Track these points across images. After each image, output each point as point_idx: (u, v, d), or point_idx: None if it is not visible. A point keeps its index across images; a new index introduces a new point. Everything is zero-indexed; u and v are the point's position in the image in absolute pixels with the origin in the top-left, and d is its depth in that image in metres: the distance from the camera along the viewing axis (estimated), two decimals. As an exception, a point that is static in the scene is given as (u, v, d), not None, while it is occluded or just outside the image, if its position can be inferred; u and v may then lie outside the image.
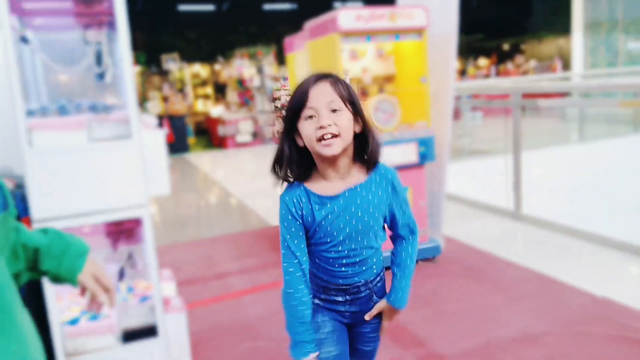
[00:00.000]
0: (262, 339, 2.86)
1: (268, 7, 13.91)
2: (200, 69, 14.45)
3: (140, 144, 2.18)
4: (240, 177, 8.74)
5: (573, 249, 3.96)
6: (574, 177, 6.27)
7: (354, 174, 1.38)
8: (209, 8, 13.62)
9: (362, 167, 1.38)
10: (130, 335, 2.39)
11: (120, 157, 2.14)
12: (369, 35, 3.60)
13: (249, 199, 6.58)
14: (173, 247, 4.80)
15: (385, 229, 1.46)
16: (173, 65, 13.63)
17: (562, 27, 15.92)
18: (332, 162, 1.33)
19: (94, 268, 1.13)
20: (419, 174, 3.71)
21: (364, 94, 3.88)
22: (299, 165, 1.36)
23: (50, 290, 2.23)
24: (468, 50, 15.94)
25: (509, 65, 16.13)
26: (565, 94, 8.22)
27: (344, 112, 1.30)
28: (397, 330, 2.80)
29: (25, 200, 2.26)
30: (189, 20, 13.58)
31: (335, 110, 1.29)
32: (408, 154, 3.62)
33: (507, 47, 17.09)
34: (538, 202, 4.92)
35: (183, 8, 13.40)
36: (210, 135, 12.95)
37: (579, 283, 3.26)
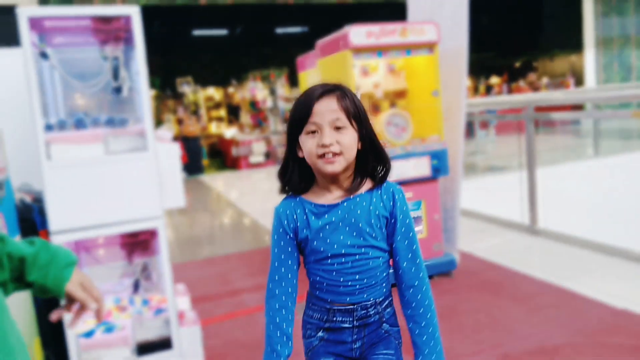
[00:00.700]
0: (276, 354, 2.84)
1: (280, 30, 14.13)
2: (214, 92, 14.66)
3: (156, 157, 2.22)
4: (254, 196, 8.78)
5: (590, 262, 3.90)
6: (590, 191, 6.19)
7: (356, 187, 1.31)
8: (222, 32, 13.87)
9: (367, 181, 1.32)
10: (145, 348, 2.39)
11: (136, 169, 2.18)
12: (380, 51, 3.64)
13: (262, 218, 6.59)
14: (188, 265, 4.82)
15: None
16: (187, 89, 13.86)
17: (574, 43, 15.93)
18: (332, 177, 1.28)
19: (82, 278, 1.10)
20: (433, 188, 3.70)
21: (376, 109, 3.91)
22: (298, 178, 1.31)
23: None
24: (480, 69, 15.97)
25: (521, 83, 16.11)
26: (579, 108, 8.17)
27: (348, 130, 1.24)
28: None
29: (43, 214, 2.31)
30: (203, 45, 13.83)
31: (339, 128, 1.23)
32: (421, 167, 3.62)
33: (518, 64, 17.10)
34: (554, 216, 4.86)
35: (197, 33, 13.66)
36: (224, 157, 13.06)
37: (598, 295, 3.20)
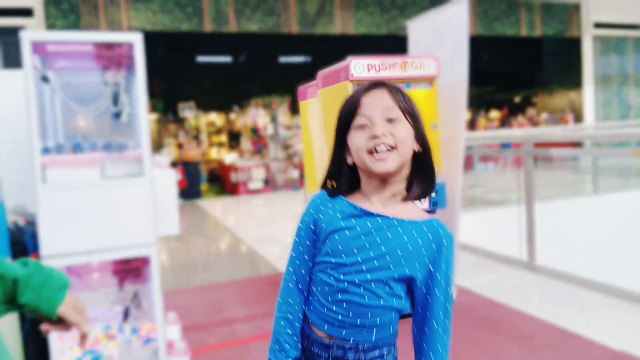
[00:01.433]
0: (267, 388, 2.77)
1: (283, 59, 14.31)
2: (216, 117, 14.75)
3: (152, 183, 2.20)
4: (251, 223, 8.73)
5: (589, 301, 3.84)
6: (589, 228, 6.16)
7: (399, 208, 1.11)
8: (226, 59, 14.05)
9: (412, 206, 1.14)
10: (132, 379, 2.33)
11: (132, 195, 2.16)
12: (381, 83, 3.66)
13: (259, 246, 6.54)
14: (181, 291, 4.75)
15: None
16: (189, 113, 13.95)
17: (573, 80, 16.13)
18: (381, 182, 1.09)
19: (75, 301, 1.10)
20: (430, 221, 3.67)
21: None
22: (347, 181, 1.13)
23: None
24: (479, 102, 16.12)
25: (520, 118, 16.25)
26: (578, 144, 8.21)
27: (403, 122, 1.08)
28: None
29: (36, 237, 2.28)
30: (207, 71, 13.99)
31: (393, 120, 1.07)
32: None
33: (518, 99, 17.27)
34: (553, 253, 4.82)
35: (201, 59, 13.83)
36: (223, 182, 13.06)
37: (597, 336, 3.15)
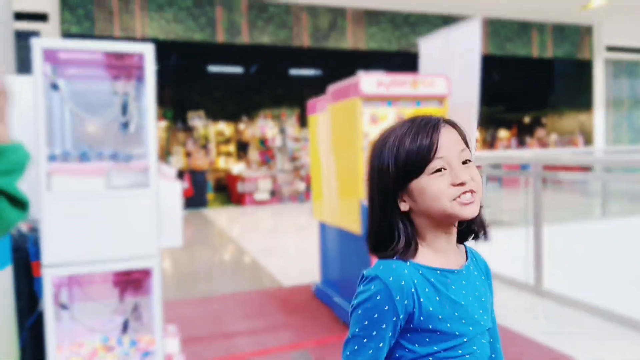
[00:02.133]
0: (265, 406, 2.72)
1: (294, 72, 14.38)
2: (225, 127, 14.80)
3: (157, 194, 2.18)
4: (256, 234, 8.70)
5: (596, 329, 3.77)
6: (598, 253, 6.07)
7: (454, 251, 1.08)
8: (238, 70, 14.13)
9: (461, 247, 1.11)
10: (129, 392, 2.29)
11: (136, 205, 2.14)
12: (390, 101, 3.65)
13: (263, 257, 6.50)
14: (182, 302, 4.72)
15: None
16: (198, 122, 14.00)
17: (583, 102, 16.08)
18: (450, 227, 1.04)
19: None
20: (437, 241, 3.63)
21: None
22: (410, 236, 1.02)
23: (52, 340, 2.17)
24: (489, 121, 16.08)
25: (527, 139, 16.21)
26: (587, 168, 8.15)
27: (474, 165, 1.03)
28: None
29: (38, 244, 2.26)
30: (217, 80, 14.06)
31: (466, 162, 1.00)
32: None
33: (528, 120, 17.22)
34: (560, 277, 4.74)
35: (212, 69, 13.92)
36: (229, 192, 13.05)
37: (604, 366, 3.08)
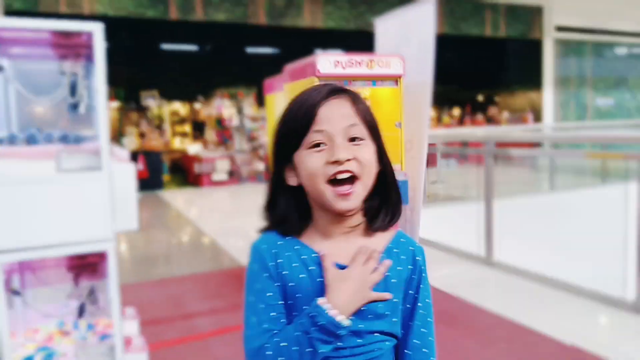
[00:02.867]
0: (226, 383, 2.77)
1: (251, 50, 14.17)
2: (180, 107, 14.48)
3: (110, 177, 2.15)
4: (214, 215, 8.64)
5: (543, 296, 3.98)
6: (545, 225, 6.37)
7: (359, 232, 0.98)
8: (192, 48, 13.80)
9: (377, 239, 0.99)
10: (87, 376, 2.28)
11: (88, 189, 2.10)
12: (347, 80, 3.67)
13: (222, 239, 6.48)
14: (140, 285, 4.67)
15: None
16: (152, 102, 13.64)
17: (534, 81, 16.64)
18: (341, 216, 0.94)
19: None
20: (392, 217, 3.72)
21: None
22: (296, 214, 0.96)
23: (5, 327, 2.13)
24: (443, 100, 16.39)
25: (479, 116, 16.67)
26: (537, 144, 8.48)
27: (368, 143, 0.92)
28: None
29: (-14, 231, 2.19)
30: (171, 59, 13.69)
31: (356, 139, 0.90)
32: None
33: (481, 98, 17.65)
34: (510, 249, 4.96)
35: (166, 47, 13.54)
36: (186, 173, 12.86)
37: (549, 330, 3.27)
